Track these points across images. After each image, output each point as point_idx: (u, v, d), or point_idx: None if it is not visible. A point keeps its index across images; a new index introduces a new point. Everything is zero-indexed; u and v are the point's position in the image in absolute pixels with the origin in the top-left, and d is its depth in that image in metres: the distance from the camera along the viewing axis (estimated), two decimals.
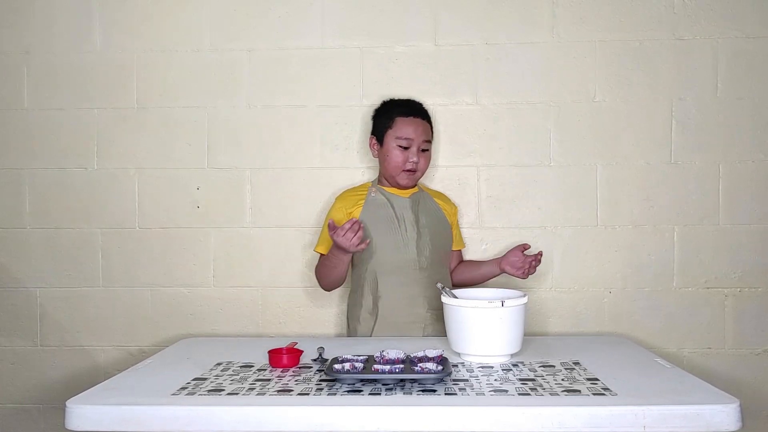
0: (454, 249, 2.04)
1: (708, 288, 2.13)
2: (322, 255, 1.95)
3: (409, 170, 1.90)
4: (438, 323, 1.88)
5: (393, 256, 1.89)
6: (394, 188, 1.96)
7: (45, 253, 2.21)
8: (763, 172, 2.11)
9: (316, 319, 2.19)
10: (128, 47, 2.20)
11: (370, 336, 1.89)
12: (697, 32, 2.12)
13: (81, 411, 1.24)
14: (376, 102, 2.16)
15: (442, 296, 1.61)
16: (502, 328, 1.52)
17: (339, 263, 1.86)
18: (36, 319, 2.21)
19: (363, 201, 1.95)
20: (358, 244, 1.75)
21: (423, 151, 1.92)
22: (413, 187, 1.98)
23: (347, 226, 1.72)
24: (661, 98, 2.13)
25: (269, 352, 1.54)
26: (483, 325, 1.53)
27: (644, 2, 2.12)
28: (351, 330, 1.96)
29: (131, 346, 2.20)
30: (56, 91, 2.20)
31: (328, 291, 2.02)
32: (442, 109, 2.16)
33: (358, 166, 2.17)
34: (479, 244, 2.17)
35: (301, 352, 1.57)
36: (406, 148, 1.89)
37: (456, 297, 1.62)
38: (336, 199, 2.00)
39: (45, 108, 2.21)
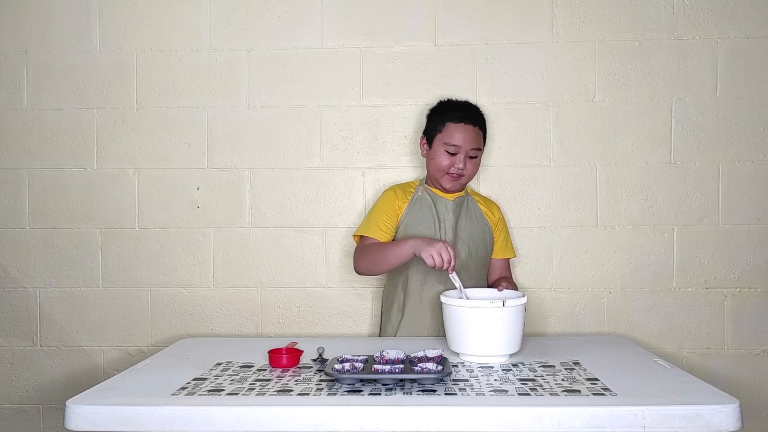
0: (495, 257, 2.00)
1: (707, 288, 2.13)
2: (363, 239, 1.90)
3: (453, 175, 1.88)
4: None
5: None
6: (439, 190, 1.95)
7: (44, 253, 2.20)
8: (763, 172, 2.12)
9: (316, 319, 2.19)
10: (127, 47, 2.19)
11: (395, 335, 1.89)
12: (696, 32, 2.12)
13: (81, 411, 1.24)
14: (376, 102, 2.16)
15: (442, 295, 1.61)
16: (502, 328, 1.52)
17: (398, 258, 1.76)
18: (35, 319, 2.21)
19: (410, 197, 1.94)
20: (442, 267, 1.65)
21: (471, 158, 1.89)
22: (460, 191, 1.97)
23: (451, 252, 1.65)
24: (660, 98, 2.13)
25: (269, 352, 1.54)
26: (483, 325, 1.53)
27: (644, 2, 2.12)
28: (382, 325, 1.97)
29: (130, 346, 2.20)
30: (55, 91, 2.20)
31: (364, 275, 1.93)
32: None
33: (358, 167, 2.17)
34: None
35: (301, 352, 1.57)
36: (453, 154, 1.87)
37: (462, 288, 1.63)
38: (387, 189, 1.98)
39: (44, 108, 2.20)
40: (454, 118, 1.89)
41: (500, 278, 1.97)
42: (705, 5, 2.11)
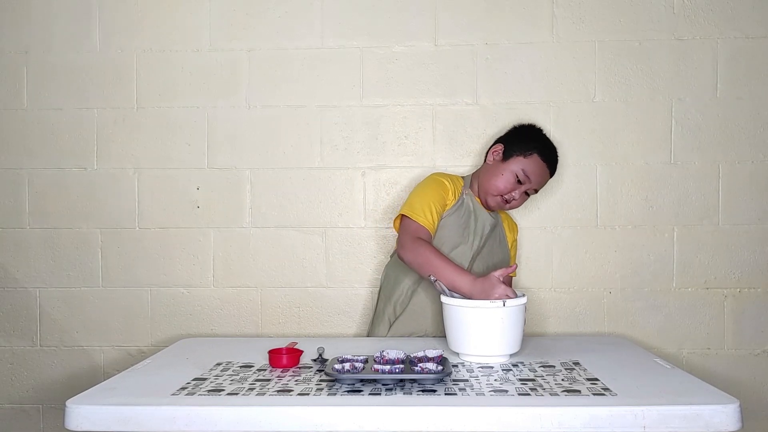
0: None
1: (707, 288, 2.13)
2: (407, 222, 1.81)
3: (504, 199, 1.86)
4: None
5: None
6: (481, 201, 1.93)
7: (44, 253, 2.21)
8: (763, 172, 2.12)
9: (316, 319, 2.19)
10: (127, 47, 2.20)
11: (390, 325, 1.88)
12: (696, 32, 2.12)
13: (81, 411, 1.24)
14: (376, 102, 2.16)
15: (441, 295, 1.61)
16: (502, 328, 1.52)
17: (445, 281, 1.64)
18: (35, 319, 2.21)
19: (458, 197, 1.90)
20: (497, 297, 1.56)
21: (527, 194, 1.89)
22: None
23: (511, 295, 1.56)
24: (660, 98, 2.13)
25: (269, 352, 1.54)
26: (483, 325, 1.53)
27: (644, 3, 2.12)
28: (378, 310, 1.93)
29: (130, 346, 2.20)
30: (55, 90, 2.20)
31: (407, 265, 1.78)
32: (441, 109, 2.16)
33: (358, 167, 2.17)
34: None
35: (301, 352, 1.57)
36: (520, 183, 1.85)
37: (448, 290, 1.62)
38: (437, 174, 1.92)
39: (44, 108, 2.20)
40: (544, 154, 1.86)
41: None
42: (705, 6, 2.11)
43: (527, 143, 1.88)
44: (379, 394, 1.30)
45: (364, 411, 1.23)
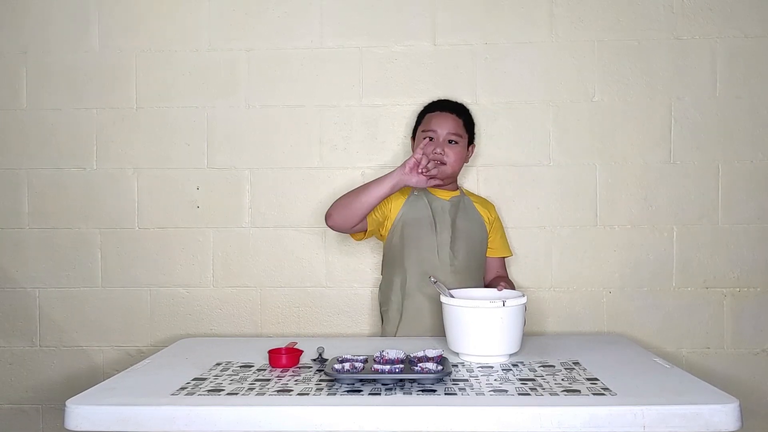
0: (491, 256, 2.00)
1: (707, 287, 2.13)
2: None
3: (438, 162, 1.86)
4: None
5: (425, 255, 1.87)
6: (435, 189, 1.95)
7: (43, 253, 2.20)
8: (762, 171, 2.12)
9: (316, 319, 2.19)
10: (126, 47, 2.19)
11: (395, 334, 1.88)
12: (695, 32, 2.12)
13: (80, 411, 1.24)
14: (375, 102, 2.16)
15: (441, 296, 1.61)
16: (502, 328, 1.52)
17: (377, 192, 1.78)
18: (34, 319, 2.21)
19: (406, 197, 1.93)
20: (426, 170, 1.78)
21: (450, 143, 1.90)
22: (453, 189, 1.97)
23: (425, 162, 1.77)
24: (659, 98, 2.13)
25: (269, 351, 1.54)
26: (483, 325, 1.53)
27: (643, 2, 2.12)
28: (383, 326, 1.95)
29: (130, 346, 2.20)
30: (54, 91, 2.20)
31: (336, 224, 1.84)
32: None
33: (357, 167, 2.17)
34: None
35: (301, 352, 1.57)
36: (432, 139, 1.90)
37: (448, 290, 1.61)
38: None
39: (43, 108, 2.20)
40: (432, 109, 1.97)
41: (497, 277, 1.97)
42: (704, 5, 2.11)
43: (420, 116, 2.02)
44: (379, 394, 1.30)
45: (363, 411, 1.23)
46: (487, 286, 1.96)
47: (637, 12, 2.12)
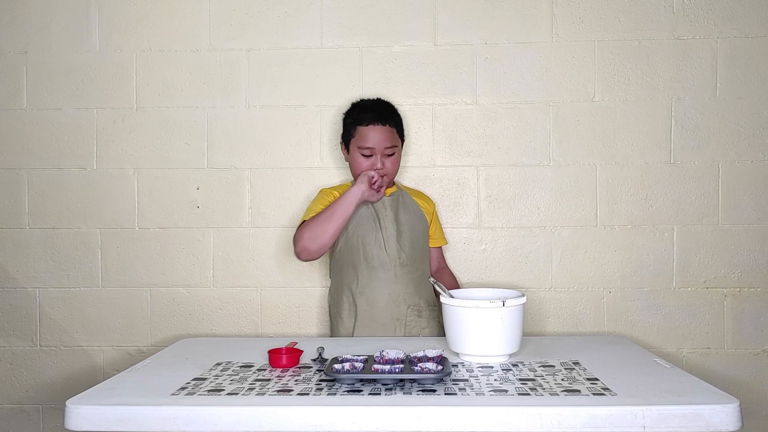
0: (431, 246, 2.04)
1: (707, 288, 2.13)
2: (298, 230, 1.88)
3: (379, 174, 1.89)
4: (420, 320, 1.89)
5: (373, 252, 1.89)
6: None
7: (43, 253, 2.20)
8: (763, 171, 2.12)
9: (316, 319, 2.19)
10: (127, 47, 2.19)
11: (352, 335, 1.89)
12: (696, 32, 2.12)
13: (81, 411, 1.24)
14: None
15: (441, 296, 1.61)
16: (502, 328, 1.52)
17: (346, 211, 1.82)
18: (34, 319, 2.21)
19: None
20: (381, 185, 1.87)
21: (388, 155, 1.92)
22: (390, 185, 2.00)
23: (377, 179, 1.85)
24: (660, 98, 2.13)
25: (269, 352, 1.54)
26: (483, 325, 1.52)
27: (643, 2, 2.12)
28: (333, 328, 1.96)
29: (130, 346, 2.20)
30: (54, 91, 2.20)
31: (313, 255, 1.85)
32: (441, 109, 2.16)
33: None
34: (479, 244, 2.17)
35: (301, 352, 1.57)
36: (369, 156, 1.90)
37: (446, 290, 1.62)
38: (320, 192, 2.00)
39: (43, 108, 2.20)
40: (363, 121, 1.92)
41: (441, 269, 2.08)
42: (705, 5, 2.11)
43: (349, 123, 1.97)
44: (379, 394, 1.30)
45: (363, 411, 1.22)
46: (432, 275, 2.02)
47: (637, 12, 2.12)
